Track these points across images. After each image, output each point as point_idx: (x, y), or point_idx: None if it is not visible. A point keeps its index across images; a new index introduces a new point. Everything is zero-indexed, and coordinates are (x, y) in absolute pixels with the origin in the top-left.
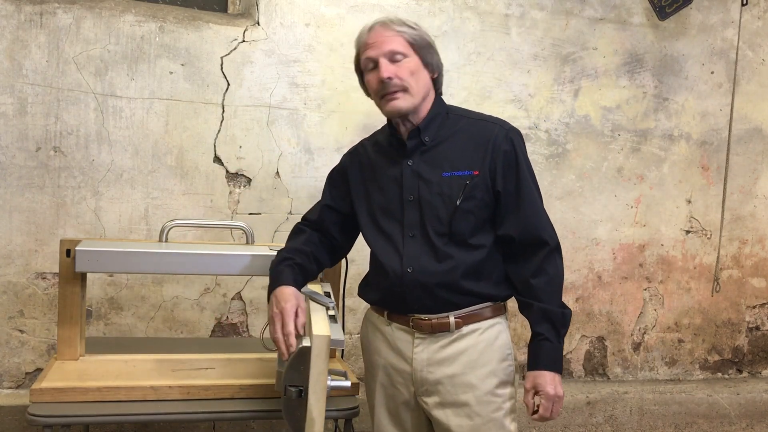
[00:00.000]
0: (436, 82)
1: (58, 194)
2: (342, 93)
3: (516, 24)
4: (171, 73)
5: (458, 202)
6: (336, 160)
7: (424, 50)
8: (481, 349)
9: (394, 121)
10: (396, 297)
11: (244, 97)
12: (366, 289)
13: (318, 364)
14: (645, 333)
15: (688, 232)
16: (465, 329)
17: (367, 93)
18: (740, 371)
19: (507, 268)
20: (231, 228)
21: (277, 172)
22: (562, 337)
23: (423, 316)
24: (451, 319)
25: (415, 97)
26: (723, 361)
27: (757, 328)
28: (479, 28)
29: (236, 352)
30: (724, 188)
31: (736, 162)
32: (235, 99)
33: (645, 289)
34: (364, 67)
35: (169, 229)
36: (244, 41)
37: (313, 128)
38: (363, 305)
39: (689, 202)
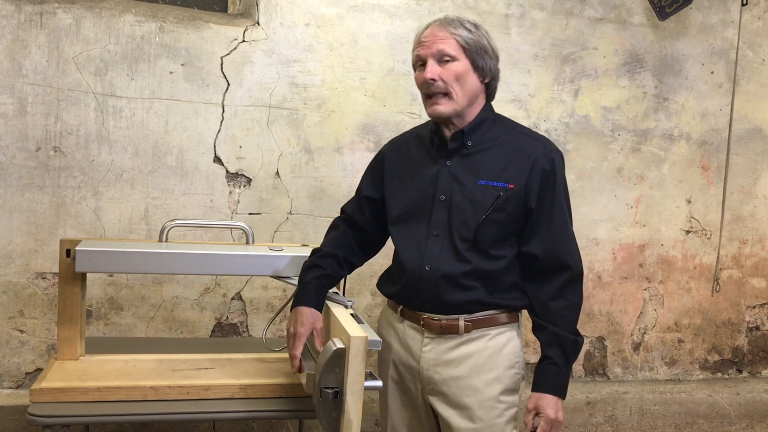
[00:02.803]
0: (489, 87)
1: (58, 194)
2: (342, 93)
3: (516, 24)
4: (171, 73)
5: (488, 212)
6: (336, 160)
7: (477, 54)
8: (489, 354)
9: (439, 122)
10: (411, 292)
11: (244, 97)
12: (386, 282)
13: (355, 366)
14: (645, 333)
15: (688, 232)
16: (474, 333)
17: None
18: (740, 371)
19: (526, 287)
20: (231, 228)
21: (277, 172)
22: (570, 364)
23: (434, 316)
24: (461, 322)
25: (457, 103)
26: (723, 361)
27: (757, 328)
28: None
29: (236, 352)
30: (724, 188)
31: (736, 162)
32: (235, 99)
33: (645, 289)
34: (414, 63)
35: (169, 229)
36: (244, 41)
37: (313, 128)
38: (363, 304)
39: (689, 202)
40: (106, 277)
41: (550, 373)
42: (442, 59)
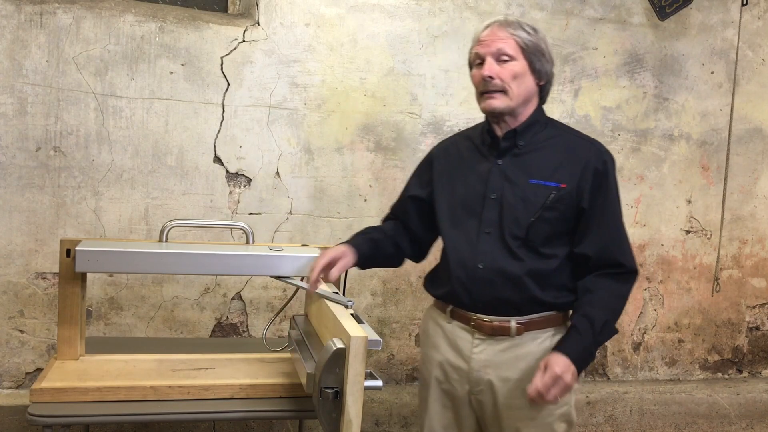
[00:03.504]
0: (542, 90)
1: (58, 194)
2: (342, 93)
3: None
4: (171, 73)
5: (540, 210)
6: (336, 160)
7: (535, 56)
8: (540, 357)
9: (492, 120)
10: (462, 292)
11: (244, 97)
12: (433, 283)
13: (355, 366)
14: (645, 333)
15: (688, 232)
16: (526, 336)
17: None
18: (740, 371)
19: (578, 284)
20: (231, 228)
21: (277, 172)
22: (596, 341)
23: (485, 318)
24: (513, 324)
25: (512, 100)
26: (723, 361)
27: (757, 328)
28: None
29: (236, 352)
30: (724, 188)
31: (736, 162)
32: (235, 99)
33: (645, 289)
34: (472, 61)
35: (169, 229)
36: (244, 41)
37: (313, 128)
38: (364, 304)
39: (689, 202)
40: (106, 277)
41: (570, 339)
42: (501, 58)
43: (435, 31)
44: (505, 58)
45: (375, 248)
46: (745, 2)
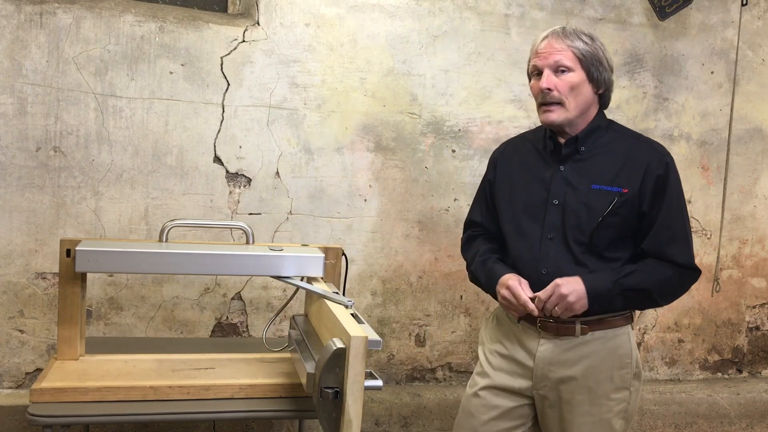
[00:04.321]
0: (603, 97)
1: (58, 194)
2: (342, 93)
3: (516, 24)
4: (171, 73)
5: (603, 216)
6: (336, 160)
7: (593, 66)
8: (603, 356)
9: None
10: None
11: (244, 97)
12: None
13: (355, 366)
14: (645, 333)
15: None
16: (590, 336)
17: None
18: (740, 371)
19: None
20: (231, 228)
21: (277, 172)
22: (618, 283)
23: (550, 319)
24: (578, 326)
25: (570, 112)
26: (723, 361)
27: (757, 328)
28: (479, 28)
29: (236, 352)
30: (724, 188)
31: (736, 162)
32: (235, 99)
33: None
34: (531, 72)
35: (169, 229)
36: (244, 41)
37: (313, 128)
38: (364, 304)
39: (689, 202)
40: (106, 277)
41: (594, 275)
42: (558, 70)
43: (435, 31)
44: (563, 69)
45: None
46: (745, 2)
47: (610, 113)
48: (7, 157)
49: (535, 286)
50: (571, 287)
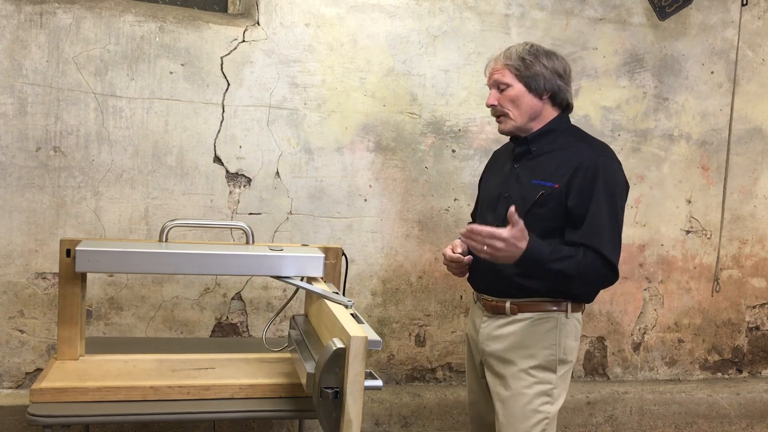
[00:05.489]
0: (555, 100)
1: (58, 194)
2: (342, 93)
3: (516, 24)
4: (171, 73)
5: (531, 207)
6: (336, 160)
7: (530, 78)
8: (528, 335)
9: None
10: (474, 275)
11: (244, 97)
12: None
13: (355, 366)
14: (645, 333)
15: (688, 232)
16: (519, 315)
17: None
18: (740, 371)
19: None
20: (231, 228)
21: (277, 172)
22: (548, 258)
23: (489, 298)
24: (507, 305)
25: (516, 120)
26: (723, 361)
27: (757, 328)
28: (479, 28)
29: (236, 352)
30: (724, 188)
31: (736, 162)
32: (235, 99)
33: (645, 289)
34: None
35: (169, 229)
36: (244, 41)
37: (313, 128)
38: (364, 304)
39: (689, 202)
40: (106, 277)
41: (535, 240)
42: (500, 87)
43: (435, 31)
44: (503, 86)
45: None
46: (745, 2)
47: (611, 113)
48: (7, 157)
49: (480, 268)
50: (515, 241)
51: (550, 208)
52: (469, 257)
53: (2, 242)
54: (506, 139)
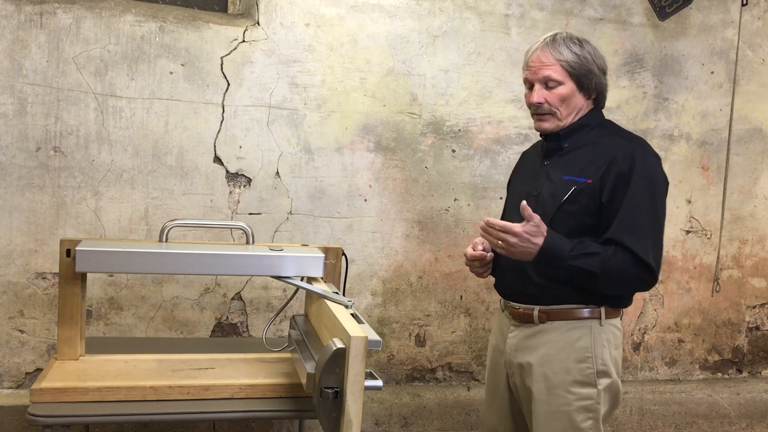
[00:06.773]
0: (597, 100)
1: (58, 194)
2: (342, 93)
3: (516, 24)
4: (171, 73)
5: (562, 203)
6: (336, 160)
7: (582, 76)
8: (559, 346)
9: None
10: (500, 281)
11: (244, 97)
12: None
13: (355, 366)
14: (645, 333)
15: (688, 232)
16: (548, 325)
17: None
18: (740, 371)
19: None
20: (231, 228)
21: (277, 172)
22: (568, 255)
23: (516, 305)
24: (535, 312)
25: (561, 120)
26: (723, 361)
27: (757, 328)
28: (479, 28)
29: (236, 352)
30: (724, 188)
31: (736, 162)
32: (235, 99)
33: None
34: (524, 82)
35: (169, 229)
36: (244, 41)
37: (313, 128)
38: (364, 304)
39: (689, 202)
40: (106, 277)
41: (554, 236)
42: (548, 84)
43: (435, 31)
44: (552, 84)
45: None
46: (745, 2)
47: (610, 114)
48: (7, 157)
49: (507, 272)
50: (529, 236)
51: (583, 205)
52: (491, 254)
53: (2, 242)
54: (506, 139)
